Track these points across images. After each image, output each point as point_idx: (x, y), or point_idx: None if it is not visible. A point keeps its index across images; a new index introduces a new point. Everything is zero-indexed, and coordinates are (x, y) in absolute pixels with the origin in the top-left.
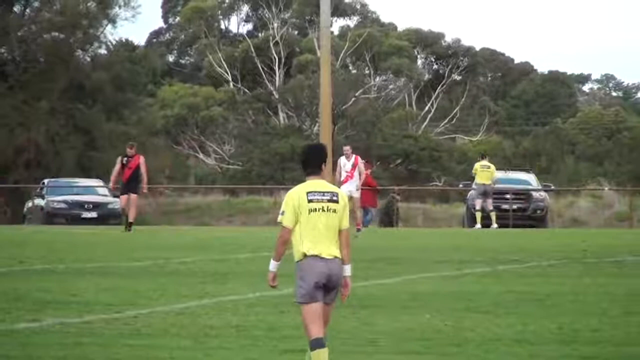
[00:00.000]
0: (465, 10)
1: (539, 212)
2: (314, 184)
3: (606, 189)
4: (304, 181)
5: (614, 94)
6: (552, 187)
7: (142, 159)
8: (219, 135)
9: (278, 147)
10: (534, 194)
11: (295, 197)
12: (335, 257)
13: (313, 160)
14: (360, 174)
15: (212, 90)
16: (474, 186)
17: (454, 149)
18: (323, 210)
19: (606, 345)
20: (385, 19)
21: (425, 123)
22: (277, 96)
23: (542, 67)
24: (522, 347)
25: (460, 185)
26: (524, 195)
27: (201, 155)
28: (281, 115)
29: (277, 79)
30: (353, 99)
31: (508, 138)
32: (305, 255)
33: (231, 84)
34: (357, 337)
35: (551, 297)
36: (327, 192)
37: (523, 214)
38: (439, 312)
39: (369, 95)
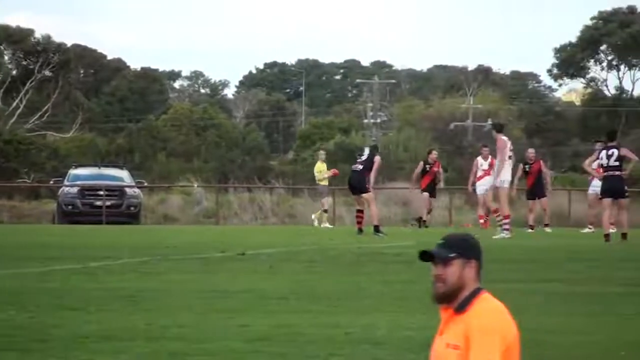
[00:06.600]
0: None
1: (132, 208)
2: None
3: (195, 185)
4: None
5: (202, 90)
6: (145, 184)
7: None
8: None
9: None
10: (128, 190)
11: None
12: None
13: None
14: None
15: None
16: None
17: (45, 145)
18: None
19: (192, 342)
20: None
21: (13, 119)
22: None
23: (135, 63)
24: (109, 344)
25: (52, 182)
26: (117, 191)
27: None
28: None
29: None
30: None
31: (102, 135)
32: None
33: None
34: None
35: (142, 293)
36: None
37: (117, 211)
38: (25, 309)
39: None
